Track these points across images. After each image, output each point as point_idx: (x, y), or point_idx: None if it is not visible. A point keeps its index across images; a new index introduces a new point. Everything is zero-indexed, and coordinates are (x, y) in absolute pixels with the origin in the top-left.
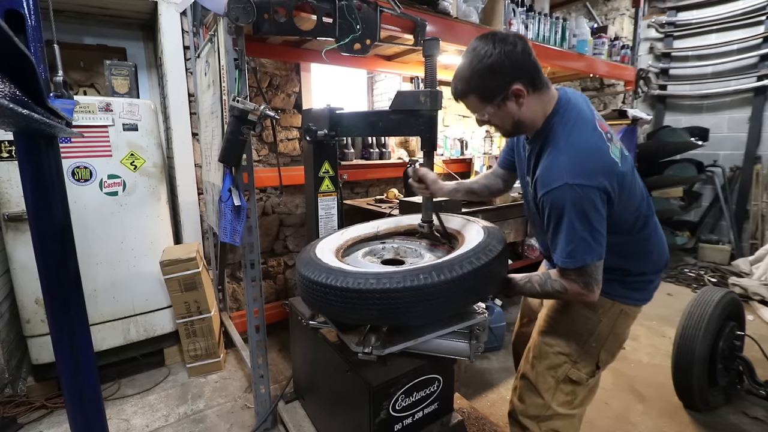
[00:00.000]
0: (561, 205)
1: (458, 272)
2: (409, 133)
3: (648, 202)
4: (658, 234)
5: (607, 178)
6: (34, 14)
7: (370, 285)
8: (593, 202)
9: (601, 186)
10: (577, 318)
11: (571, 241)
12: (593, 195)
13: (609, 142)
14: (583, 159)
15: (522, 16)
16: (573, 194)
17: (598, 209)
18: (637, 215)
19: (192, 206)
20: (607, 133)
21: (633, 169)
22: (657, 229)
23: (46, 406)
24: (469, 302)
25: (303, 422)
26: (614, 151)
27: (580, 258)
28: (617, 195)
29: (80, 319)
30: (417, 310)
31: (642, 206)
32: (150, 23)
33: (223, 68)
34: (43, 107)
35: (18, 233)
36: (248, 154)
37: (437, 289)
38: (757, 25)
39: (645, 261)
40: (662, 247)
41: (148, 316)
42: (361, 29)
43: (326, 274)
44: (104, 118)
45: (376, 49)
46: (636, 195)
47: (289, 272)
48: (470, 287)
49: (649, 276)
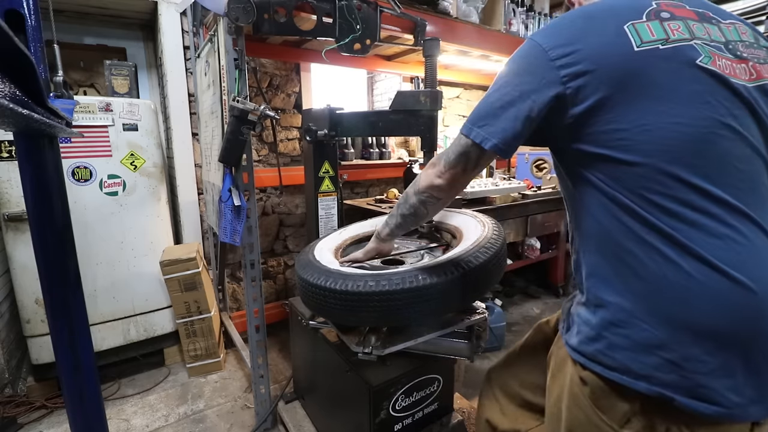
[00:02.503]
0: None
1: (455, 272)
2: (409, 133)
3: (718, 173)
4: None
5: (571, 44)
6: (34, 14)
7: (369, 287)
8: (529, 61)
9: (548, 46)
10: (587, 428)
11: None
12: (532, 49)
13: (650, 19)
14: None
15: (522, 16)
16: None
17: (529, 70)
18: (667, 175)
19: (192, 206)
20: (669, 13)
21: (694, 68)
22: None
23: (46, 406)
24: (469, 300)
25: (303, 422)
26: (654, 28)
27: (469, 125)
28: (595, 87)
29: (80, 319)
30: (416, 311)
31: (679, 161)
32: (150, 23)
33: (223, 68)
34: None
35: (18, 233)
36: (248, 154)
37: (435, 290)
38: (757, 25)
39: (662, 301)
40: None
41: (148, 316)
42: (361, 29)
43: (325, 277)
44: (104, 118)
45: (376, 49)
46: (663, 123)
47: (289, 272)
48: (470, 285)
49: (674, 344)
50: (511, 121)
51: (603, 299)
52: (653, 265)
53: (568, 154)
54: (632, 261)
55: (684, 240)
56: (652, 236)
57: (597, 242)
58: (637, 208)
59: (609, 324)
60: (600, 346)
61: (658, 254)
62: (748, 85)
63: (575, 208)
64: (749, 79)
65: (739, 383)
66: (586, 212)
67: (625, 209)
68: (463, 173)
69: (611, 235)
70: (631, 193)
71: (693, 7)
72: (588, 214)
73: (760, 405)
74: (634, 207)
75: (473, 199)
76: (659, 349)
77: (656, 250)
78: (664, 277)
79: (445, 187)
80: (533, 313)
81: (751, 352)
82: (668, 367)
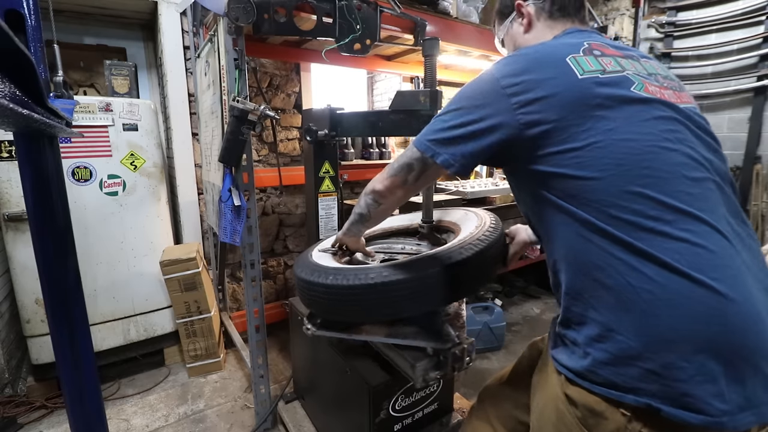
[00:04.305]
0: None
1: (429, 269)
2: (409, 133)
3: (676, 182)
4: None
5: (523, 73)
6: (34, 14)
7: (315, 278)
8: (481, 87)
9: (500, 75)
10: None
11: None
12: (490, 81)
13: (586, 54)
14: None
15: None
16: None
17: (481, 102)
18: (620, 188)
19: (192, 206)
20: (599, 51)
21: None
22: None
23: (46, 406)
24: (436, 301)
25: (303, 422)
26: (591, 61)
27: (422, 138)
28: (552, 111)
29: (80, 319)
30: (352, 309)
31: (639, 174)
32: (150, 23)
33: (223, 68)
34: (43, 107)
35: (18, 233)
36: (248, 154)
37: (362, 290)
38: (757, 25)
39: (624, 313)
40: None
41: (148, 316)
42: (361, 29)
43: (301, 267)
44: (104, 118)
45: (376, 49)
46: (620, 145)
47: (289, 272)
48: (444, 282)
49: (651, 353)
50: (461, 143)
51: (582, 315)
52: (617, 275)
53: (527, 175)
54: (599, 274)
55: (644, 247)
56: (613, 247)
57: (566, 260)
58: (596, 221)
59: (591, 340)
60: (586, 363)
61: (621, 263)
62: (679, 106)
63: (542, 228)
64: (678, 101)
65: (723, 389)
66: (552, 232)
67: (585, 224)
68: (403, 184)
69: (577, 251)
70: (589, 208)
71: (615, 48)
72: (554, 233)
73: (749, 412)
74: (594, 221)
75: (473, 199)
76: (638, 360)
77: (618, 260)
78: (628, 284)
79: (384, 193)
80: (533, 313)
81: (729, 356)
82: (650, 377)
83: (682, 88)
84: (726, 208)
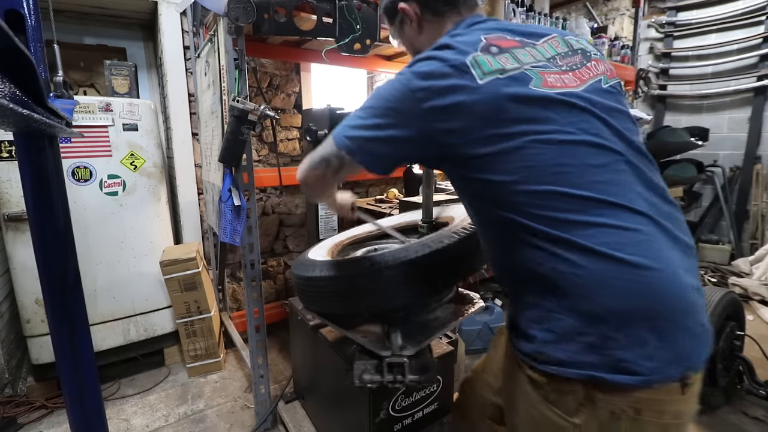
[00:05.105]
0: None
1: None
2: None
3: (570, 173)
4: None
5: (427, 77)
6: (34, 14)
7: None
8: (394, 88)
9: (410, 79)
10: (542, 424)
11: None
12: (402, 85)
13: (484, 52)
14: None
15: (522, 16)
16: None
17: (393, 105)
18: (533, 188)
19: (192, 206)
20: (497, 47)
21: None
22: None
23: (46, 406)
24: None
25: (303, 422)
26: (491, 60)
27: (340, 133)
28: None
29: (80, 319)
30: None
31: (537, 168)
32: (150, 23)
33: (223, 68)
34: (43, 107)
35: (18, 233)
36: (248, 154)
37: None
38: (757, 25)
39: (559, 292)
40: (613, 281)
41: (148, 316)
42: (361, 29)
43: (305, 267)
44: (104, 118)
45: (376, 49)
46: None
47: (289, 272)
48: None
49: (587, 329)
50: (376, 144)
51: (525, 303)
52: (547, 263)
53: (457, 179)
54: (532, 264)
55: (565, 236)
56: (538, 240)
57: (502, 255)
58: (519, 219)
59: (534, 324)
60: (535, 345)
61: (548, 254)
62: (578, 92)
63: (477, 227)
64: (578, 84)
65: (652, 350)
66: (485, 230)
67: (510, 222)
68: (323, 177)
69: (508, 246)
70: (511, 208)
71: (512, 36)
72: (486, 232)
73: (676, 364)
74: (518, 219)
75: None
76: (578, 336)
77: (545, 251)
78: (558, 271)
79: (309, 183)
80: None
81: (655, 320)
82: (589, 349)
83: (587, 58)
84: (642, 183)
